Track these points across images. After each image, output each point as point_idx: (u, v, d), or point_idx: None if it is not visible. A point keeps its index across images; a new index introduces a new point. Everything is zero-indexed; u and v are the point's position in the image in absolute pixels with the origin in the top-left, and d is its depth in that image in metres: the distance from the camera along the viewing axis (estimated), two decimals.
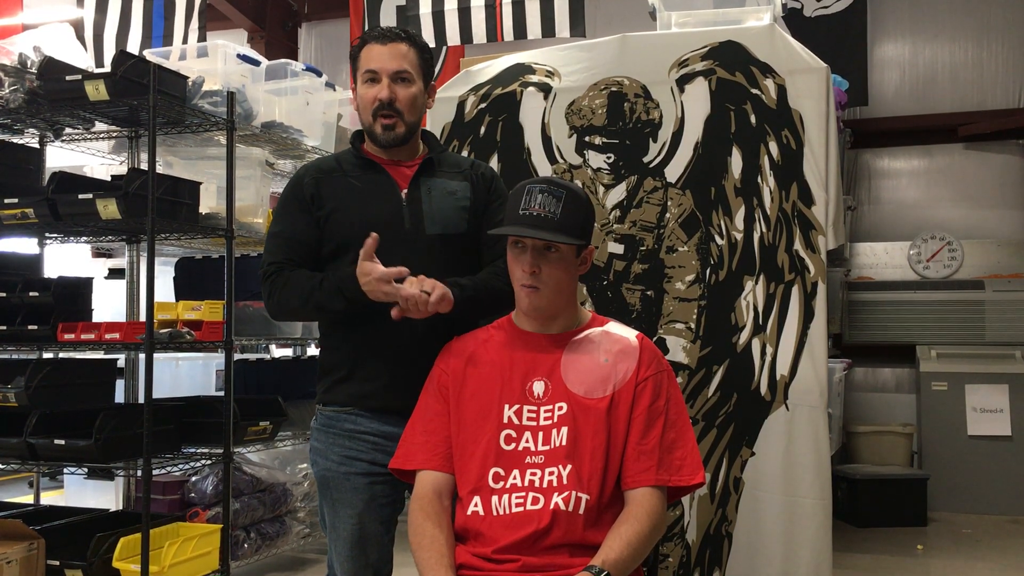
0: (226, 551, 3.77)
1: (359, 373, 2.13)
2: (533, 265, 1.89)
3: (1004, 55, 6.37)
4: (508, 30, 5.26)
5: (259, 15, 7.50)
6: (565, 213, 1.89)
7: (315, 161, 2.29)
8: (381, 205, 2.15)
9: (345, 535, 2.12)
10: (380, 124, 2.14)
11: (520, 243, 1.92)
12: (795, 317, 2.86)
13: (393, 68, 2.13)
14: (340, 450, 2.13)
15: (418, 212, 2.16)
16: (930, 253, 6.34)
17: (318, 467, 2.18)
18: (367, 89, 2.15)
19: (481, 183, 2.27)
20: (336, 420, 2.16)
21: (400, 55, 2.14)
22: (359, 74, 2.17)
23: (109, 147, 4.62)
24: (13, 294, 3.76)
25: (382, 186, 2.17)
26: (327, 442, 2.16)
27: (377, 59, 2.13)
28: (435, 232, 2.16)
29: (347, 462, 2.12)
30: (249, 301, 4.17)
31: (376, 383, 2.11)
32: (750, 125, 2.92)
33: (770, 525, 2.85)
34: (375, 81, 2.14)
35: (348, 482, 2.12)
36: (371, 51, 2.15)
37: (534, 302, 1.92)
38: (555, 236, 1.87)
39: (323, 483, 2.17)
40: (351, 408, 2.14)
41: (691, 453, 1.91)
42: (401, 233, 2.13)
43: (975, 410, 5.75)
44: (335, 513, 2.14)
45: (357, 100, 2.21)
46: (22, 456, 3.58)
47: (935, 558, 4.68)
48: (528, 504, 1.83)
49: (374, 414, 2.12)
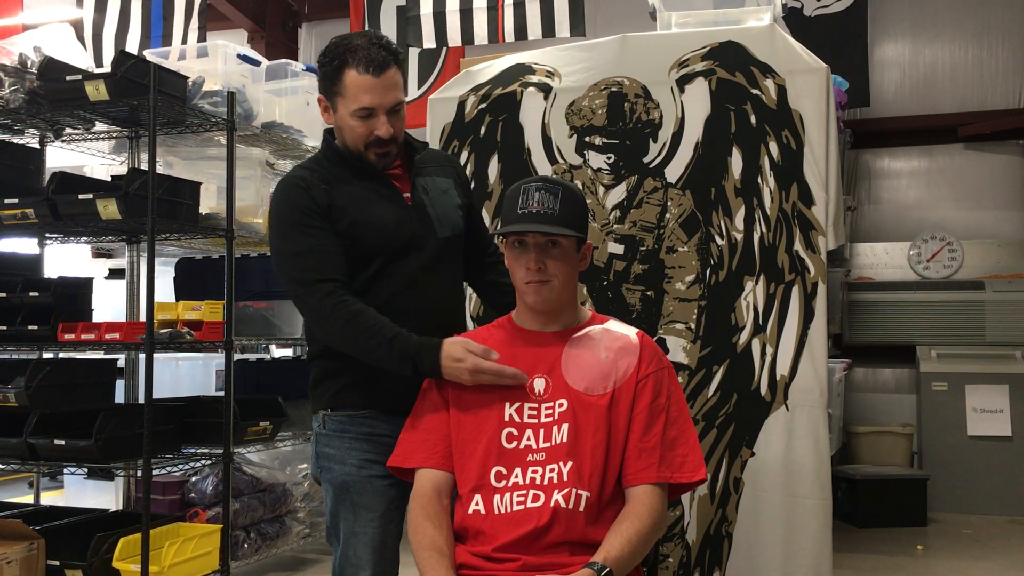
0: (226, 551, 3.77)
1: (373, 378, 2.08)
2: (538, 261, 1.90)
3: (1004, 55, 6.37)
4: (509, 31, 5.25)
5: (259, 15, 7.50)
6: (564, 208, 1.90)
7: (308, 168, 2.15)
8: (390, 213, 2.11)
9: (367, 539, 2.08)
10: (375, 153, 2.09)
11: (522, 242, 1.92)
12: (795, 317, 2.86)
13: (390, 103, 2.05)
14: (359, 454, 2.10)
15: (425, 216, 2.15)
16: (930, 253, 6.34)
17: (334, 473, 2.12)
18: (360, 124, 2.05)
19: (461, 177, 2.29)
20: (351, 424, 2.11)
21: (393, 85, 2.05)
22: (343, 102, 2.05)
23: (109, 147, 4.62)
24: (13, 294, 3.76)
25: (383, 192, 2.14)
26: (343, 447, 2.11)
27: (372, 95, 2.03)
28: (446, 235, 2.16)
29: (367, 466, 2.08)
30: (249, 301, 4.17)
31: (398, 386, 2.06)
32: (750, 125, 2.92)
33: (770, 525, 2.85)
34: (371, 116, 2.04)
35: (370, 485, 2.09)
36: (361, 83, 2.02)
37: (542, 294, 1.92)
38: (557, 229, 1.88)
39: (342, 489, 2.11)
40: (367, 411, 2.11)
41: (692, 450, 1.91)
42: (417, 240, 2.12)
43: (975, 410, 5.75)
44: (356, 518, 2.09)
45: (337, 121, 2.10)
46: (22, 456, 3.58)
47: (935, 558, 4.67)
48: (529, 501, 1.82)
49: (391, 416, 2.09)
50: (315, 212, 2.05)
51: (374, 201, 2.11)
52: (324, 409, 2.15)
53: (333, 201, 2.06)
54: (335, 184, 2.09)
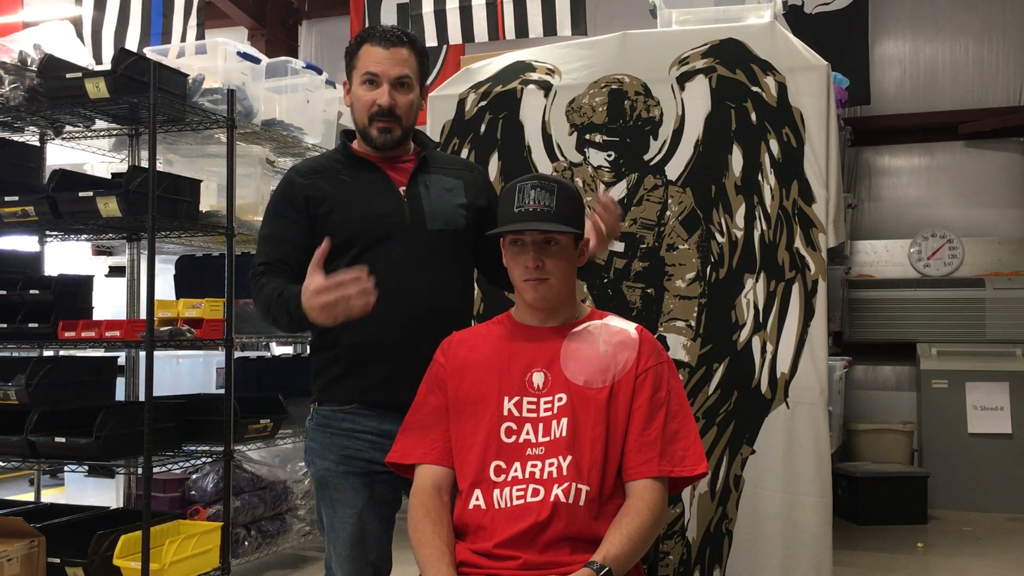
0: (226, 549, 3.77)
1: (358, 369, 2.11)
2: (536, 260, 1.90)
3: (1005, 53, 6.36)
4: (510, 28, 5.25)
5: (259, 13, 7.50)
6: (560, 205, 1.90)
7: (305, 162, 2.25)
8: (380, 202, 2.13)
9: (344, 535, 2.10)
10: (377, 128, 2.12)
11: (519, 241, 1.92)
12: (795, 315, 2.86)
13: (395, 74, 2.11)
14: (338, 449, 2.11)
15: (418, 208, 2.15)
16: (931, 251, 6.34)
17: (315, 467, 2.15)
18: (365, 91, 2.12)
19: (477, 182, 2.29)
20: (333, 419, 2.14)
21: (402, 60, 2.12)
22: (356, 73, 2.14)
23: (109, 145, 4.62)
24: (14, 292, 3.76)
25: (379, 183, 2.16)
26: (324, 441, 2.14)
27: (378, 62, 2.10)
28: (436, 228, 2.16)
29: (345, 461, 2.10)
30: (249, 299, 4.16)
31: (376, 378, 2.09)
32: (751, 123, 2.92)
33: (770, 523, 2.85)
34: (374, 84, 2.11)
35: (347, 481, 2.10)
36: (372, 53, 2.11)
37: (541, 292, 1.92)
38: (555, 227, 1.88)
39: (321, 483, 2.14)
40: (351, 406, 2.12)
41: (693, 444, 1.91)
42: (403, 228, 2.12)
43: (975, 408, 5.75)
44: (334, 513, 2.12)
45: (351, 98, 2.18)
46: (23, 454, 3.58)
47: (935, 556, 4.68)
48: (528, 496, 1.82)
49: (374, 411, 2.10)
50: (288, 203, 2.14)
51: (365, 190, 2.14)
52: (314, 403, 2.20)
53: (312, 192, 2.13)
54: (322, 175, 2.16)
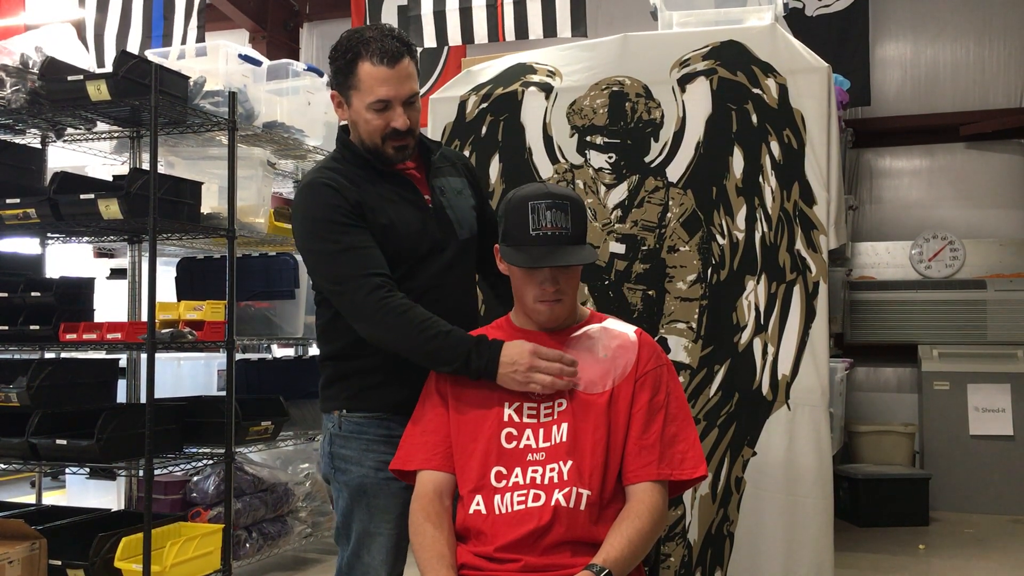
0: (228, 551, 3.77)
1: (394, 379, 2.08)
2: (554, 283, 1.89)
3: (1006, 54, 6.36)
4: (510, 30, 5.26)
5: (260, 15, 7.50)
6: (575, 225, 1.89)
7: (331, 169, 2.10)
8: (417, 216, 2.10)
9: (383, 541, 2.09)
10: (392, 147, 2.06)
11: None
12: (797, 317, 2.86)
13: (406, 94, 2.03)
14: (376, 456, 2.09)
15: (446, 219, 2.14)
16: (932, 252, 6.33)
17: (351, 475, 2.11)
18: (376, 116, 2.02)
19: (473, 176, 2.29)
20: (368, 426, 2.11)
21: (408, 76, 2.03)
22: (358, 95, 2.03)
23: (111, 147, 4.63)
24: (15, 294, 3.77)
25: (409, 196, 2.12)
26: (360, 449, 2.11)
27: (386, 85, 2.00)
28: (465, 237, 2.16)
29: (384, 468, 2.07)
30: (251, 301, 4.17)
31: (412, 389, 2.05)
32: (751, 125, 2.92)
33: (772, 525, 2.85)
34: (387, 108, 2.02)
35: (387, 488, 2.08)
36: (375, 74, 1.99)
37: (556, 312, 1.93)
38: (581, 255, 1.87)
39: (359, 491, 2.10)
40: (385, 413, 2.10)
41: (693, 447, 1.91)
42: (440, 241, 2.11)
43: (977, 410, 5.74)
44: (372, 519, 2.09)
45: (352, 116, 2.08)
46: (24, 456, 3.59)
47: (937, 558, 4.67)
48: (530, 501, 1.82)
49: (408, 419, 2.07)
50: (348, 211, 2.01)
51: (398, 204, 2.09)
52: (339, 410, 2.14)
53: (363, 199, 2.04)
54: (360, 184, 2.07)
